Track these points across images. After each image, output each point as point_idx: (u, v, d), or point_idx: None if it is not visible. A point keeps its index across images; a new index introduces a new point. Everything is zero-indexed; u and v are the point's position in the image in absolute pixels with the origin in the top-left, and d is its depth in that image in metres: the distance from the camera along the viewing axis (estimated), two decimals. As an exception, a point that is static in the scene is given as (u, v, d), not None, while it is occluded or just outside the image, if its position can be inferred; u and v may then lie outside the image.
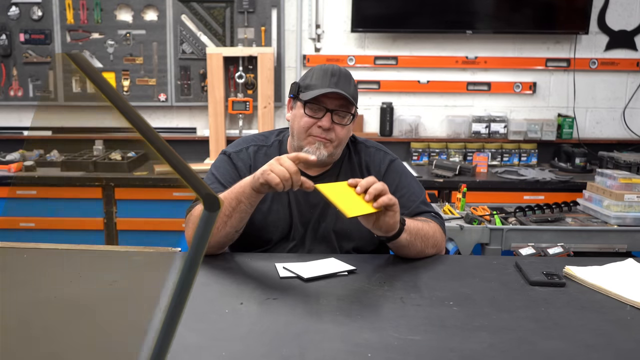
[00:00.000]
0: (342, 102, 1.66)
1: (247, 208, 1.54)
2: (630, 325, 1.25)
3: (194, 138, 3.89)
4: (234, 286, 1.44)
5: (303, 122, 1.67)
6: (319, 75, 1.68)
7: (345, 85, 1.67)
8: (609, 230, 2.56)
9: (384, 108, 3.84)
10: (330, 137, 1.67)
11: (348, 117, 1.69)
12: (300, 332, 1.18)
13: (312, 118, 1.67)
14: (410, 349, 1.11)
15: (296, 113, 1.71)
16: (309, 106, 1.67)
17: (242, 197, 1.52)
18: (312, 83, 1.67)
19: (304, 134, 1.68)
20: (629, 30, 3.82)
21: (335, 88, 1.64)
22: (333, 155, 1.71)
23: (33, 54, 3.73)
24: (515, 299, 1.37)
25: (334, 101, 1.66)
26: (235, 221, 1.55)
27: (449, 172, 3.40)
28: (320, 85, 1.65)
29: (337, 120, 1.67)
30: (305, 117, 1.67)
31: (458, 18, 3.76)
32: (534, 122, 3.84)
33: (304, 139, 1.69)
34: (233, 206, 1.53)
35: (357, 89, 1.74)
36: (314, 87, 1.66)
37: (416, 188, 1.80)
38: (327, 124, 1.65)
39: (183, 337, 1.15)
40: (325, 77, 1.66)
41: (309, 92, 1.66)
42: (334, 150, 1.70)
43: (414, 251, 1.61)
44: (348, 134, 1.73)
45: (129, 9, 3.71)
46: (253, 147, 1.78)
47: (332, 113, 1.66)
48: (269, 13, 3.72)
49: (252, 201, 1.53)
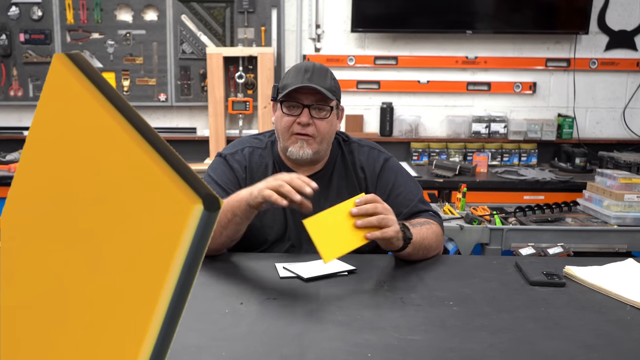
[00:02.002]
0: (318, 97, 1.67)
1: (242, 221, 1.55)
2: (630, 325, 1.25)
3: (194, 138, 3.89)
4: (234, 286, 1.44)
5: (284, 122, 1.69)
6: (293, 74, 1.70)
7: (320, 79, 1.67)
8: (609, 230, 2.55)
9: (384, 108, 3.84)
10: (311, 132, 1.68)
11: (327, 110, 1.69)
12: (300, 332, 1.18)
13: (291, 116, 1.68)
14: (410, 349, 1.11)
15: (277, 115, 1.73)
16: (285, 105, 1.68)
17: (238, 210, 1.52)
18: (287, 82, 1.69)
19: (286, 133, 1.70)
20: (629, 30, 3.82)
21: (308, 83, 1.65)
22: (319, 152, 1.72)
23: (33, 54, 3.73)
24: (515, 299, 1.37)
25: (309, 96, 1.67)
26: (230, 232, 1.57)
27: (449, 172, 3.40)
28: (294, 83, 1.66)
29: (316, 115, 1.68)
30: (285, 117, 1.69)
31: (458, 18, 3.76)
32: (534, 122, 3.84)
33: (288, 139, 1.70)
34: (229, 218, 1.54)
35: (336, 82, 1.73)
36: (289, 85, 1.67)
37: (413, 187, 1.79)
38: (305, 119, 1.66)
39: (183, 337, 1.15)
40: (298, 74, 1.68)
41: (284, 91, 1.68)
42: (318, 147, 1.70)
43: (415, 259, 1.62)
44: (331, 128, 1.73)
45: (129, 9, 3.71)
46: (248, 148, 1.80)
47: (310, 108, 1.67)
48: (269, 13, 3.72)
49: (247, 215, 1.53)
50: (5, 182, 3.33)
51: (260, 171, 1.77)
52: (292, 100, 1.68)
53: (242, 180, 1.75)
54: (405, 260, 1.61)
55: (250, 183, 1.75)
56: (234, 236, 1.59)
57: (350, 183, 1.78)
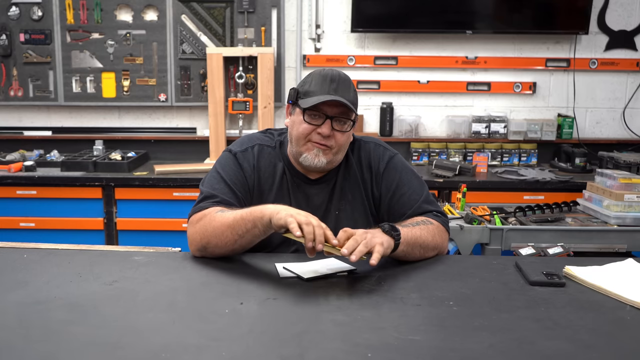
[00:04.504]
0: (342, 109, 1.65)
1: (260, 234, 1.52)
2: (630, 325, 1.25)
3: (194, 138, 3.89)
4: (234, 286, 1.44)
5: (302, 129, 1.67)
6: (318, 81, 1.67)
7: (345, 91, 1.66)
8: (609, 230, 2.56)
9: (384, 108, 3.84)
10: (330, 144, 1.67)
11: (348, 124, 1.68)
12: (300, 332, 1.18)
13: (312, 125, 1.66)
14: (410, 349, 1.11)
15: (295, 119, 1.70)
16: (308, 113, 1.66)
17: (259, 223, 1.49)
18: (311, 89, 1.66)
19: (303, 140, 1.68)
20: (629, 30, 3.82)
21: (335, 95, 1.63)
22: (333, 162, 1.71)
23: (33, 54, 3.73)
24: (515, 299, 1.37)
25: (333, 108, 1.65)
26: (245, 242, 1.55)
27: (449, 172, 3.40)
28: (319, 92, 1.64)
29: (337, 127, 1.66)
30: (304, 124, 1.66)
31: (458, 18, 3.76)
32: (534, 122, 3.84)
33: (303, 145, 1.68)
34: (248, 228, 1.51)
35: (356, 93, 1.72)
36: (313, 93, 1.65)
37: (417, 186, 1.77)
38: (327, 131, 1.65)
39: (183, 337, 1.15)
40: (324, 83, 1.65)
41: (308, 98, 1.65)
42: (333, 157, 1.69)
43: (412, 258, 1.61)
44: (348, 140, 1.72)
45: (129, 9, 3.71)
46: (258, 146, 1.77)
47: (332, 120, 1.65)
48: (269, 13, 3.72)
49: (266, 231, 1.51)
50: (6, 182, 3.33)
51: (268, 172, 1.75)
52: (316, 110, 1.65)
53: (251, 180, 1.73)
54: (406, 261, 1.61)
55: (258, 182, 1.74)
56: (247, 246, 1.57)
57: (354, 184, 1.77)
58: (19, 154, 3.63)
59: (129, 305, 1.31)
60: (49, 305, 1.30)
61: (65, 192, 3.36)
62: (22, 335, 1.16)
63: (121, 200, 3.38)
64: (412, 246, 1.57)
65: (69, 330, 1.18)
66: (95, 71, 3.75)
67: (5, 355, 1.08)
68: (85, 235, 3.36)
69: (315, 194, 1.76)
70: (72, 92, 3.75)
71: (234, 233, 1.52)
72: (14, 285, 1.41)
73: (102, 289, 1.39)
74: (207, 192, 1.67)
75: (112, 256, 1.67)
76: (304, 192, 1.75)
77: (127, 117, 3.91)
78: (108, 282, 1.43)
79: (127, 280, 1.45)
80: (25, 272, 1.49)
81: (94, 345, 1.12)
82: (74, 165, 3.43)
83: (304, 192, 1.75)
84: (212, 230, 1.55)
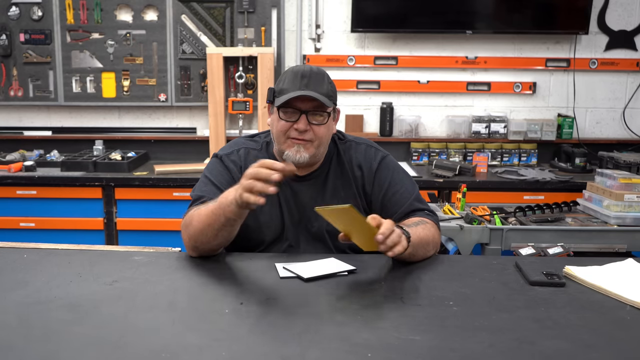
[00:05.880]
0: (315, 103, 1.67)
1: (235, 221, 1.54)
2: (630, 325, 1.25)
3: (194, 138, 3.89)
4: (234, 286, 1.44)
5: (280, 126, 1.69)
6: (290, 78, 1.69)
7: (317, 85, 1.68)
8: (609, 230, 2.56)
9: (384, 108, 3.84)
10: (309, 138, 1.68)
11: (324, 116, 1.70)
12: (300, 332, 1.18)
13: (288, 122, 1.68)
14: (410, 349, 1.11)
15: (273, 118, 1.73)
16: (282, 110, 1.68)
17: (230, 213, 1.50)
18: (285, 87, 1.69)
19: (282, 137, 1.70)
20: (629, 30, 3.82)
21: (306, 90, 1.65)
22: (316, 155, 1.72)
23: (33, 54, 3.73)
24: (515, 299, 1.37)
25: (306, 103, 1.67)
26: (226, 232, 1.57)
27: (449, 172, 3.40)
28: (291, 89, 1.66)
29: (314, 121, 1.68)
30: (281, 122, 1.69)
31: (458, 18, 3.76)
32: (533, 122, 3.84)
33: (284, 143, 1.70)
34: (222, 222, 1.53)
35: (332, 86, 1.73)
36: (285, 90, 1.68)
37: (409, 185, 1.80)
38: (302, 126, 1.67)
39: (183, 337, 1.15)
40: (295, 79, 1.68)
41: (282, 96, 1.67)
42: (315, 150, 1.71)
43: (415, 259, 1.62)
44: (329, 131, 1.74)
45: (129, 9, 3.71)
46: (244, 149, 1.81)
47: (307, 114, 1.67)
48: (269, 13, 3.72)
49: (240, 214, 1.52)
50: (6, 182, 3.33)
51: None
52: (289, 107, 1.68)
53: (238, 180, 1.74)
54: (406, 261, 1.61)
55: None
56: (229, 236, 1.59)
57: (346, 182, 1.78)
58: (19, 154, 3.63)
59: (129, 305, 1.31)
60: (49, 305, 1.30)
61: (65, 192, 3.36)
62: (22, 335, 1.16)
63: (121, 200, 3.38)
64: (417, 247, 1.59)
65: (69, 330, 1.19)
66: (95, 71, 3.75)
67: (5, 355, 1.08)
68: (85, 235, 3.36)
69: (303, 190, 1.77)
70: (72, 92, 3.75)
71: (212, 229, 1.56)
72: (14, 285, 1.41)
73: (102, 289, 1.39)
74: (196, 195, 1.72)
75: (112, 256, 1.67)
76: (291, 189, 1.76)
77: (127, 117, 3.91)
78: (108, 282, 1.43)
79: (127, 280, 1.45)
80: (25, 272, 1.49)
81: (94, 345, 1.12)
82: (74, 165, 3.43)
83: (291, 189, 1.77)
84: (194, 230, 1.59)
